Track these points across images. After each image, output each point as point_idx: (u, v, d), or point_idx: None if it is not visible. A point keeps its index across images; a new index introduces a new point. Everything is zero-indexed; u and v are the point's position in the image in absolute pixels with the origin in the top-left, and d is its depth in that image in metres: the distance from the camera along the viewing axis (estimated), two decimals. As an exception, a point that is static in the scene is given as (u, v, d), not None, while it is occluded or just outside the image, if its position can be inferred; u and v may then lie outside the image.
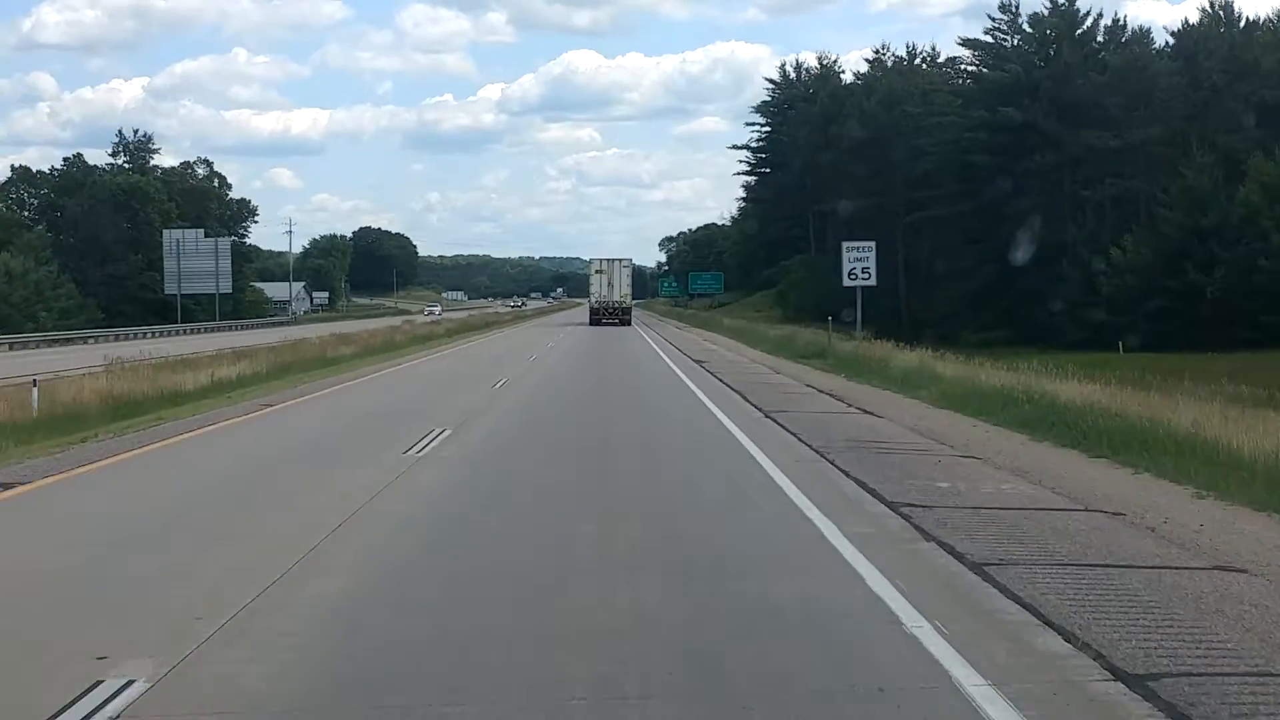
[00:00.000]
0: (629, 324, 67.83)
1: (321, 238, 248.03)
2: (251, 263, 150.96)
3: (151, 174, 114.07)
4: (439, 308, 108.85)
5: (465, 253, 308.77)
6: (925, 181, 67.63)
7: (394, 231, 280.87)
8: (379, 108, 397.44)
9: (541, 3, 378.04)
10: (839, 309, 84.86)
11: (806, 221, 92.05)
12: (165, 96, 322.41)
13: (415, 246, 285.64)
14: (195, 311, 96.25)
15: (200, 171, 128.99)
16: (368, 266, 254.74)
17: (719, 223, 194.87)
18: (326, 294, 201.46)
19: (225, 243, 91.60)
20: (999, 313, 64.10)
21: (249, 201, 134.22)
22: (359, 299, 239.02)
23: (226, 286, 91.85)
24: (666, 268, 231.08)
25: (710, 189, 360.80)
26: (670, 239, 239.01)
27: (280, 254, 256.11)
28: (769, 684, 5.45)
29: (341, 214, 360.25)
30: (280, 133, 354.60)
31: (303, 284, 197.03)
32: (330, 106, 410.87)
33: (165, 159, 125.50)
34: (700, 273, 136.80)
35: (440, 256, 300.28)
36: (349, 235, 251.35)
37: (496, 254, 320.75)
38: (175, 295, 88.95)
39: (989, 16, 72.32)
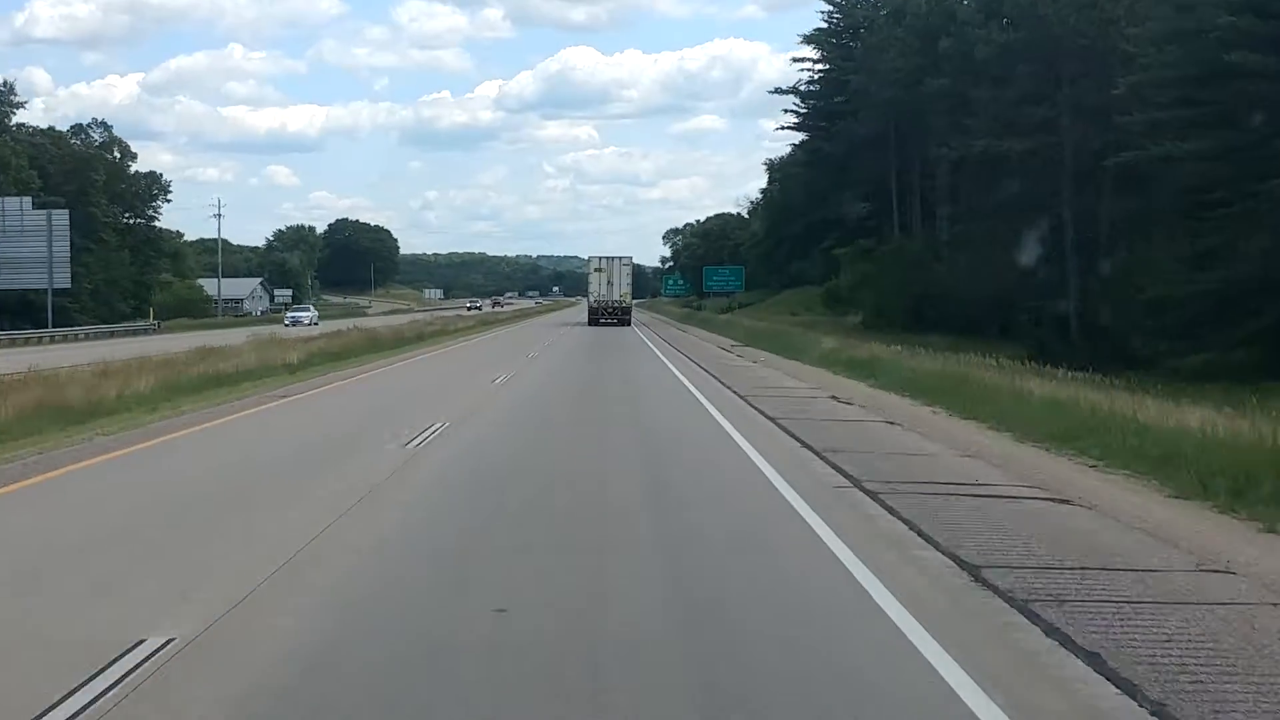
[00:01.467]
0: (628, 324, 65.40)
1: (287, 229, 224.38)
2: (174, 254, 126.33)
3: (11, 133, 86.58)
4: (309, 313, 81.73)
5: (460, 250, 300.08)
6: (1126, 104, 40.65)
7: (373, 224, 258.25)
8: (376, 104, 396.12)
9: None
10: (943, 313, 58.32)
11: (884, 188, 65.12)
12: (160, 92, 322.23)
13: (396, 241, 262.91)
14: (71, 312, 69.75)
15: (96, 137, 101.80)
16: (344, 261, 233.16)
17: (735, 211, 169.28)
18: (290, 291, 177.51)
19: (62, 217, 64.10)
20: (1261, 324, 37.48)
21: (159, 175, 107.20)
22: (331, 297, 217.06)
23: (64, 279, 64.66)
24: (672, 263, 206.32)
25: (708, 188, 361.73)
26: (676, 231, 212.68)
27: (247, 248, 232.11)
28: None
29: (339, 212, 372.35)
30: (277, 129, 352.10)
31: (259, 280, 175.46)
32: (327, 103, 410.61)
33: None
34: (716, 267, 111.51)
35: (435, 254, 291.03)
36: (318, 227, 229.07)
37: (492, 252, 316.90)
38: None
39: None
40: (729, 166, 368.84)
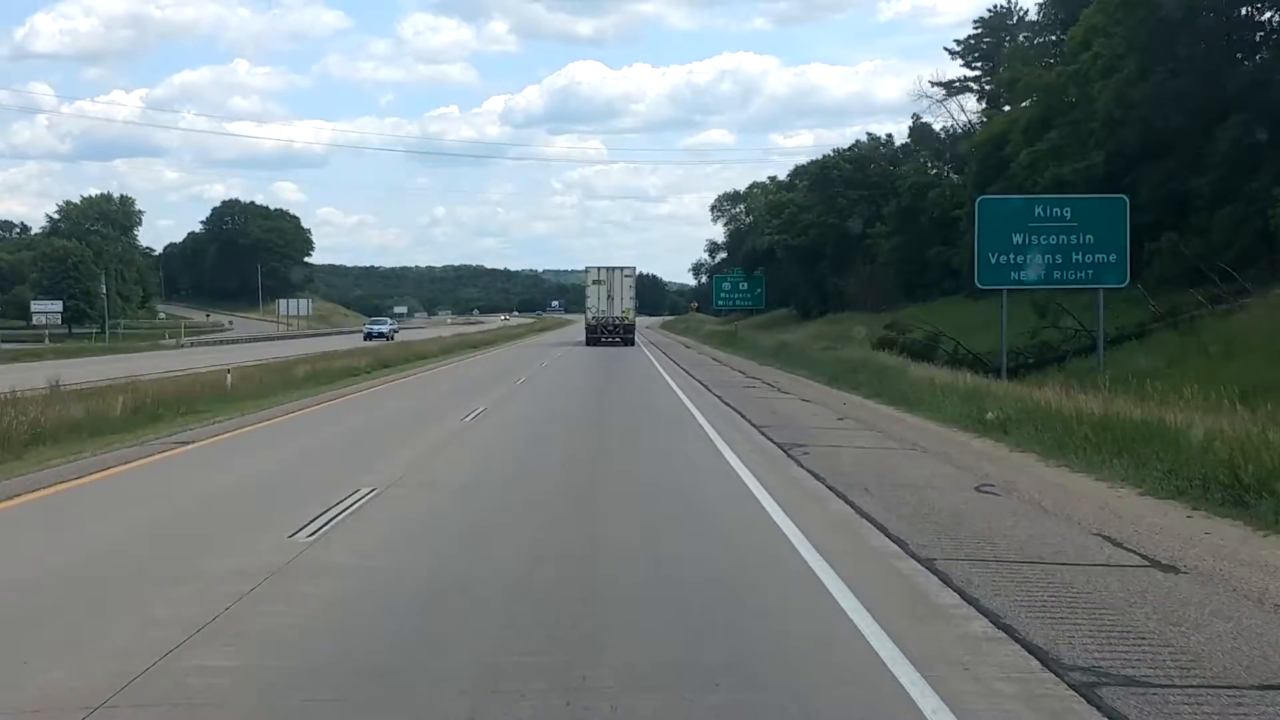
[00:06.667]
0: (632, 343, 58.70)
1: (83, 199, 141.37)
2: None
3: None
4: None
5: (456, 263, 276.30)
6: None
7: (273, 208, 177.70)
8: (382, 120, 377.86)
9: (544, 11, 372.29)
10: None
11: None
12: (165, 108, 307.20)
13: (307, 232, 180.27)
14: None
15: None
16: (239, 261, 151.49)
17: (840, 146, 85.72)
18: (60, 304, 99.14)
19: None
20: None
21: None
22: (194, 312, 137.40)
23: None
24: (724, 254, 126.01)
25: (719, 202, 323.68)
26: (734, 197, 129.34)
27: (14, 226, 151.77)
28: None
29: (346, 228, 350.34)
30: (283, 146, 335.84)
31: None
32: (333, 119, 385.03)
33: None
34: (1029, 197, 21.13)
35: (429, 266, 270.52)
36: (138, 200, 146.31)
37: (489, 264, 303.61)
38: None
39: None
40: (738, 181, 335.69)
